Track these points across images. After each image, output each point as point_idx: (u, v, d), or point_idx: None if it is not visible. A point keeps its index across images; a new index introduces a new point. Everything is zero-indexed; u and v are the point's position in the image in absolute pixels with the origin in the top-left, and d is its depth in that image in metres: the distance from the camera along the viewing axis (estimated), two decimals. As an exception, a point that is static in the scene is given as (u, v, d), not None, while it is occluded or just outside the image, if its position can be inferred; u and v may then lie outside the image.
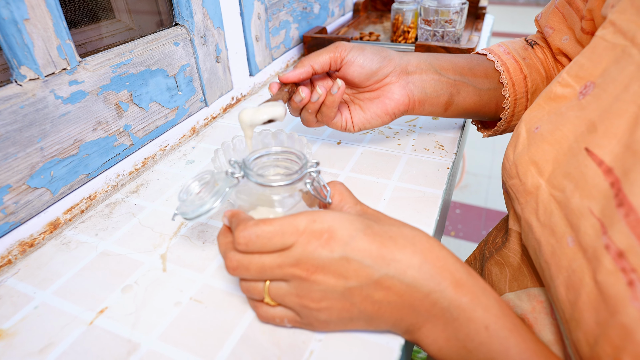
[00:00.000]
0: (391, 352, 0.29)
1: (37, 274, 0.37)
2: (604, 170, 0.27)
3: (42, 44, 0.37)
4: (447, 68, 0.47)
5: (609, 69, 0.30)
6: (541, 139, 0.34)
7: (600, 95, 0.30)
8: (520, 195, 0.35)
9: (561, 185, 0.30)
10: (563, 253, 0.28)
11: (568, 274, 0.27)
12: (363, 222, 0.28)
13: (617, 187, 0.25)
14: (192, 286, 0.35)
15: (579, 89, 0.33)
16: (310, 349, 0.29)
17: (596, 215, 0.26)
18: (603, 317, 0.24)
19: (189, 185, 0.33)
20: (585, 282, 0.26)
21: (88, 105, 0.42)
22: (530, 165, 0.35)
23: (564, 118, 0.33)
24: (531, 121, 0.37)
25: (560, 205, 0.30)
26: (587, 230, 0.27)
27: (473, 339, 0.26)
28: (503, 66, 0.49)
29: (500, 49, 0.51)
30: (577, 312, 0.26)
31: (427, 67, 0.46)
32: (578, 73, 0.34)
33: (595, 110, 0.30)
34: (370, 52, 0.44)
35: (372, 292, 0.27)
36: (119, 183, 0.48)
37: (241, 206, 0.34)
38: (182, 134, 0.57)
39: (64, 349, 0.30)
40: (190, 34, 0.54)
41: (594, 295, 0.25)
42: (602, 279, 0.24)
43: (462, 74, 0.48)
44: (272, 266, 0.27)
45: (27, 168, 0.38)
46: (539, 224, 0.32)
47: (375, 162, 0.50)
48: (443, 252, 0.28)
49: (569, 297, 0.27)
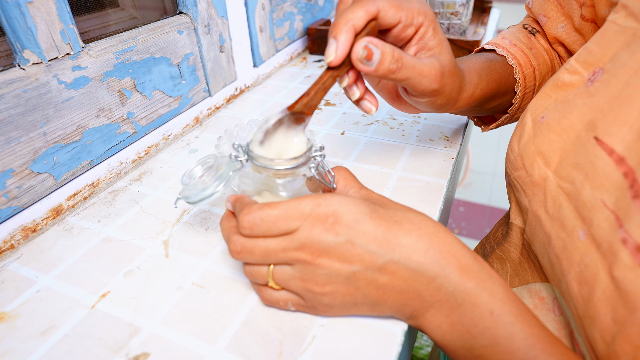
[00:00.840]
0: (394, 338, 0.29)
1: (40, 258, 0.37)
2: (615, 160, 0.26)
3: (45, 27, 0.37)
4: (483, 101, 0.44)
5: (619, 54, 0.29)
6: (547, 129, 0.33)
7: (609, 81, 0.29)
8: (527, 187, 0.34)
9: (570, 177, 0.29)
10: (574, 247, 0.28)
11: (580, 268, 0.27)
12: (369, 206, 0.28)
13: (632, 177, 0.24)
14: (194, 271, 0.35)
15: (588, 75, 0.32)
16: (312, 334, 0.29)
17: (610, 208, 0.25)
18: (621, 314, 0.23)
19: (192, 169, 0.33)
20: (600, 277, 0.25)
21: (91, 91, 0.42)
22: (537, 156, 0.34)
23: (572, 106, 0.32)
24: (537, 110, 0.36)
25: (570, 198, 0.29)
26: (600, 223, 0.26)
27: (477, 324, 0.26)
28: (514, 60, 0.46)
29: (505, 41, 0.48)
30: (592, 309, 0.25)
31: (468, 105, 0.43)
32: (587, 59, 0.32)
33: (605, 96, 0.29)
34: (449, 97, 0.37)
35: (377, 277, 0.27)
36: (122, 171, 0.48)
37: (245, 190, 0.33)
38: (186, 123, 0.57)
39: (66, 331, 0.30)
40: (194, 23, 0.54)
41: (610, 291, 0.24)
42: (620, 274, 0.23)
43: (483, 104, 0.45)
44: (277, 250, 0.27)
45: (30, 153, 0.38)
46: (548, 217, 0.31)
47: (379, 152, 0.50)
48: (449, 237, 0.28)
49: (582, 292, 0.26)
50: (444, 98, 0.37)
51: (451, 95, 0.38)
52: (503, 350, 0.25)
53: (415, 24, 0.33)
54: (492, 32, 0.92)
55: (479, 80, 0.42)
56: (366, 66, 0.31)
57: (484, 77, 0.42)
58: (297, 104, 0.32)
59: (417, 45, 0.35)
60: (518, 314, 0.25)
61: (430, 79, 0.34)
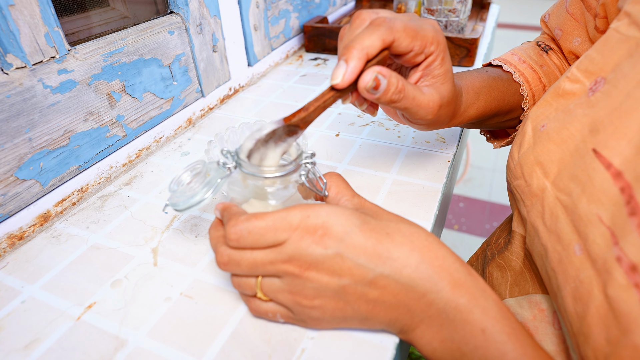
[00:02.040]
0: (385, 351, 0.28)
1: (26, 267, 0.36)
2: (612, 174, 0.25)
3: (28, 31, 0.36)
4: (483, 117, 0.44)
5: (621, 64, 0.28)
6: (547, 138, 0.32)
7: (610, 92, 0.28)
8: (526, 197, 0.34)
9: (567, 189, 0.29)
10: (570, 262, 0.27)
11: (576, 284, 0.26)
12: (359, 217, 0.27)
13: (629, 193, 0.23)
14: (183, 281, 0.34)
15: (589, 84, 0.31)
16: (302, 347, 0.28)
17: (606, 224, 0.24)
18: (614, 335, 0.22)
19: (180, 176, 0.32)
20: (595, 294, 0.24)
21: (78, 95, 0.41)
22: (536, 166, 0.33)
23: (572, 116, 0.31)
24: (538, 119, 0.35)
25: (567, 210, 0.28)
26: (595, 239, 0.25)
27: (468, 342, 0.25)
28: (522, 77, 0.45)
29: (514, 58, 0.47)
30: (586, 327, 0.24)
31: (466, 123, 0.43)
32: (588, 68, 0.32)
33: (605, 108, 0.28)
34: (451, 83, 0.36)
35: (367, 291, 0.26)
36: (112, 175, 0.47)
37: (234, 199, 0.33)
38: (178, 125, 0.56)
39: (50, 345, 0.29)
40: (185, 22, 0.53)
41: (604, 310, 0.23)
42: (614, 293, 0.23)
43: (484, 122, 0.45)
44: (264, 262, 0.26)
45: (15, 159, 0.37)
46: (545, 228, 0.30)
47: (374, 155, 0.49)
48: (442, 251, 0.27)
49: (577, 309, 0.26)
50: (437, 125, 0.38)
51: (445, 121, 0.38)
52: None
53: (426, 53, 0.33)
54: (491, 28, 0.91)
55: (475, 99, 0.41)
56: (371, 94, 0.31)
57: (482, 95, 0.42)
58: (294, 117, 0.31)
59: (423, 72, 0.34)
60: (511, 333, 0.25)
61: (428, 110, 0.34)
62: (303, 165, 0.31)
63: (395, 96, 0.32)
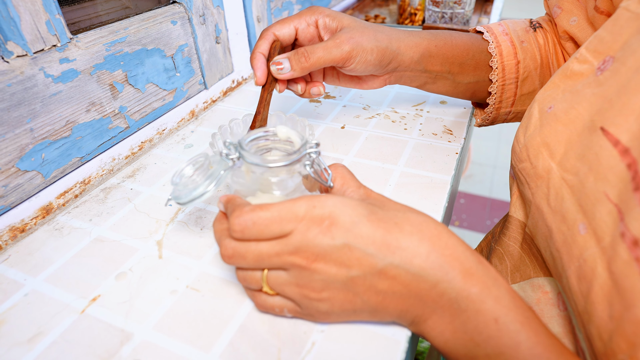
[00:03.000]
0: (397, 345, 0.27)
1: (28, 260, 0.35)
2: (620, 151, 0.25)
3: (29, 18, 0.35)
4: (436, 62, 0.45)
5: (630, 41, 0.28)
6: (554, 119, 0.32)
7: (619, 69, 0.28)
8: (531, 180, 0.34)
9: (574, 169, 0.29)
10: (574, 241, 0.27)
11: (579, 263, 0.26)
12: (367, 208, 0.26)
13: (635, 169, 0.23)
14: (189, 274, 0.33)
15: (597, 64, 0.31)
16: (312, 340, 0.28)
17: (613, 201, 0.24)
18: (617, 311, 0.22)
19: (182, 169, 0.31)
20: (598, 272, 0.24)
21: (80, 84, 0.40)
22: (542, 148, 0.32)
23: (580, 96, 0.31)
24: (545, 101, 0.35)
25: (573, 190, 0.28)
26: (603, 217, 0.25)
27: (481, 332, 0.24)
28: (497, 48, 0.46)
29: (499, 28, 0.48)
30: (590, 305, 0.24)
31: (415, 66, 0.44)
32: (597, 47, 0.31)
33: (613, 85, 0.28)
34: (373, 60, 0.41)
35: (376, 282, 0.25)
36: (115, 167, 0.46)
37: (237, 191, 0.32)
38: (181, 117, 0.55)
39: (54, 338, 0.29)
40: (188, 12, 0.52)
41: (607, 287, 0.23)
42: (617, 269, 0.23)
43: (449, 70, 0.46)
44: (270, 254, 0.26)
45: (17, 150, 0.36)
46: (550, 210, 0.30)
47: (381, 147, 0.48)
48: (452, 240, 0.26)
49: (581, 288, 0.25)
50: (369, 54, 0.41)
51: (375, 69, 0.42)
52: (508, 359, 0.24)
53: (310, 23, 0.41)
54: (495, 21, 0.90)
55: (424, 40, 0.44)
56: (286, 74, 0.39)
57: (440, 39, 0.45)
58: (255, 124, 0.40)
59: (326, 34, 0.42)
60: (524, 322, 0.24)
61: (335, 44, 0.39)
62: (307, 155, 0.30)
63: (301, 58, 0.39)
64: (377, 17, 0.90)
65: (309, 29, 0.42)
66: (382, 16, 0.90)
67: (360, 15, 0.93)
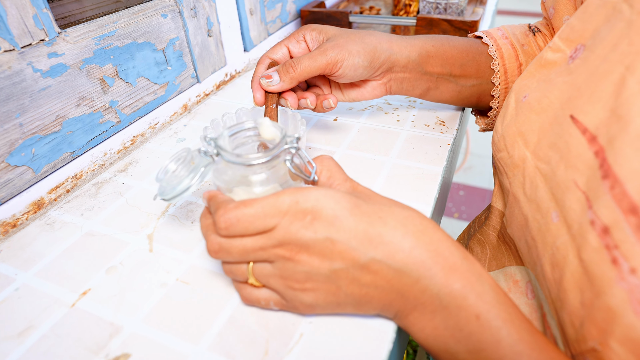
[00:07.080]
0: (385, 335, 0.28)
1: (20, 255, 0.35)
2: (588, 139, 0.25)
3: (16, 12, 0.35)
4: (435, 63, 0.44)
5: (599, 29, 0.28)
6: (528, 108, 0.32)
7: (588, 57, 0.28)
8: (509, 169, 0.34)
9: (547, 157, 0.29)
10: (548, 229, 0.27)
11: (553, 251, 0.26)
12: (350, 201, 0.26)
13: (602, 156, 0.23)
14: (179, 267, 0.33)
15: (570, 52, 0.31)
16: (300, 332, 0.28)
17: (581, 189, 0.25)
18: (588, 298, 0.23)
19: (166, 165, 0.31)
20: (569, 260, 0.24)
21: (70, 79, 0.40)
22: (517, 137, 0.33)
23: (552, 84, 0.31)
24: (520, 90, 0.35)
25: (546, 179, 0.28)
26: (572, 204, 0.25)
27: (462, 329, 0.24)
28: (498, 51, 0.45)
29: (498, 32, 0.47)
30: (562, 292, 0.25)
31: (413, 67, 0.44)
32: (569, 36, 0.31)
33: (583, 73, 0.28)
34: (362, 62, 0.41)
35: (359, 276, 0.25)
36: (107, 162, 0.46)
37: (220, 187, 0.32)
38: (173, 111, 0.55)
39: (44, 332, 0.29)
40: (179, 5, 0.52)
41: (578, 275, 0.24)
42: (587, 257, 0.23)
43: (451, 72, 0.45)
44: (255, 248, 0.26)
45: (6, 145, 0.36)
46: (525, 198, 0.31)
47: (373, 139, 0.48)
48: (437, 235, 0.26)
49: (555, 276, 0.26)
50: (356, 56, 0.40)
51: (365, 73, 0.42)
52: (489, 356, 0.24)
53: (299, 39, 0.43)
54: (491, 12, 0.90)
55: (420, 41, 0.44)
56: (276, 86, 0.40)
57: (436, 40, 0.45)
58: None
59: (315, 46, 0.43)
60: (507, 318, 0.24)
61: (320, 51, 0.40)
62: (286, 150, 0.30)
63: (289, 69, 0.39)
64: (372, 8, 0.89)
65: (299, 45, 0.43)
66: (377, 7, 0.90)
67: (355, 7, 0.92)
